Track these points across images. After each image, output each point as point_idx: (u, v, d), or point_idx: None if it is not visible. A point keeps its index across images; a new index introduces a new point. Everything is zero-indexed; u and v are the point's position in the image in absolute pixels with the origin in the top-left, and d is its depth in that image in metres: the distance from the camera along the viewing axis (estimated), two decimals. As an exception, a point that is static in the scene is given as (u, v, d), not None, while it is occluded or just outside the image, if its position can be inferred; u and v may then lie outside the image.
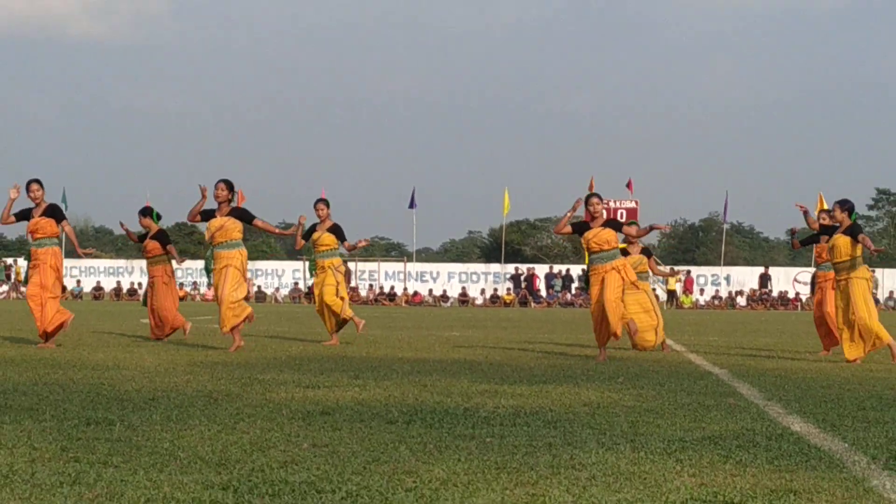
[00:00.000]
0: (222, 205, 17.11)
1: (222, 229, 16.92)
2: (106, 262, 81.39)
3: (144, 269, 68.44)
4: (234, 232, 16.99)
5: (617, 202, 71.16)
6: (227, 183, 17.05)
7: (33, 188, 17.29)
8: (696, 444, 7.61)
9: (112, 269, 77.66)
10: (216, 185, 17.04)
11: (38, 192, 17.21)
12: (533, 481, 6.19)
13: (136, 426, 8.11)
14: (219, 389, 10.74)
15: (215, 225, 16.94)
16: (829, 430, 8.48)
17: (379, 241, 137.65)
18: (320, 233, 19.36)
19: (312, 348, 17.58)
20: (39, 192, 17.22)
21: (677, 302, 66.80)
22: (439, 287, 71.54)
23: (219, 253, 16.94)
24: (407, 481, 6.14)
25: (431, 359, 15.68)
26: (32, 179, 17.37)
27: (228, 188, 17.06)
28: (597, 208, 16.45)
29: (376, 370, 13.32)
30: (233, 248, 17.01)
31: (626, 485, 6.14)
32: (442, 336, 23.28)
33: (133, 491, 5.79)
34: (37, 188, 17.20)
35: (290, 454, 6.96)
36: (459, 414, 9.08)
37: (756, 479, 6.34)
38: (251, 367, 13.57)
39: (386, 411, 9.18)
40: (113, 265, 78.85)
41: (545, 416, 9.07)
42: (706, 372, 13.92)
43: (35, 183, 17.29)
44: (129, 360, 14.32)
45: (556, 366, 14.63)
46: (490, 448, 7.32)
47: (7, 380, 11.49)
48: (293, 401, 9.85)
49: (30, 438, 7.44)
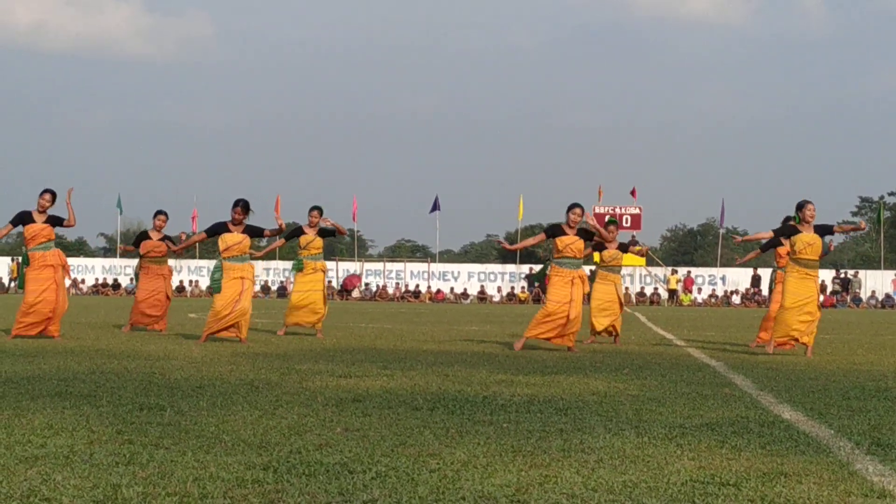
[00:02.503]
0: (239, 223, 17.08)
1: (241, 244, 16.90)
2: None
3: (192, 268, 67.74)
4: (248, 247, 17.03)
5: (622, 208, 71.04)
6: (244, 206, 17.01)
7: (46, 198, 17.11)
8: (695, 431, 7.59)
9: (162, 267, 77.69)
10: (235, 208, 16.97)
11: (48, 204, 17.12)
12: (546, 463, 6.18)
13: (185, 411, 8.13)
14: (259, 378, 10.75)
15: (234, 240, 16.88)
16: (816, 418, 8.45)
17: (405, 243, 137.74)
18: (311, 236, 19.34)
19: (344, 341, 17.57)
20: (49, 204, 17.13)
21: (677, 300, 66.66)
22: (460, 286, 71.49)
23: (231, 265, 16.88)
24: (431, 463, 6.14)
25: (453, 351, 15.67)
26: (48, 190, 17.21)
27: (245, 211, 17.02)
28: (577, 219, 16.28)
29: (403, 361, 13.32)
30: (245, 261, 17.03)
31: (631, 467, 6.14)
32: (462, 330, 23.26)
33: (182, 470, 5.80)
34: (49, 199, 17.11)
35: (325, 438, 6.96)
36: (479, 401, 9.08)
37: (750, 463, 6.33)
38: (288, 357, 13.58)
39: (412, 399, 9.18)
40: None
41: (557, 403, 9.06)
42: (704, 364, 13.88)
43: (49, 193, 17.13)
44: (178, 351, 14.34)
45: (566, 358, 14.61)
46: (507, 433, 7.32)
47: (67, 369, 11.51)
48: (327, 389, 9.86)
49: (88, 422, 7.46)
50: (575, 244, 16.26)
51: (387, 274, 74.25)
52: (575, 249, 16.27)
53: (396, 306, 51.32)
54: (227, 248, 16.86)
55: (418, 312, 39.12)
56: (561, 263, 16.23)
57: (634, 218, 71.02)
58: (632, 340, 19.83)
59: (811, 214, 16.12)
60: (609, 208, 70.84)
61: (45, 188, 17.06)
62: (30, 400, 8.66)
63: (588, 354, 15.44)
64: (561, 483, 5.68)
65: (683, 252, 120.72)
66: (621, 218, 70.47)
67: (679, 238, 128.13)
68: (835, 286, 69.08)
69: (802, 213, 16.11)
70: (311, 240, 19.24)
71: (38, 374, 10.76)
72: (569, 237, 16.26)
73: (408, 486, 5.54)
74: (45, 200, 17.01)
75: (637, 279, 70.97)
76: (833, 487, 5.70)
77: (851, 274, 71.02)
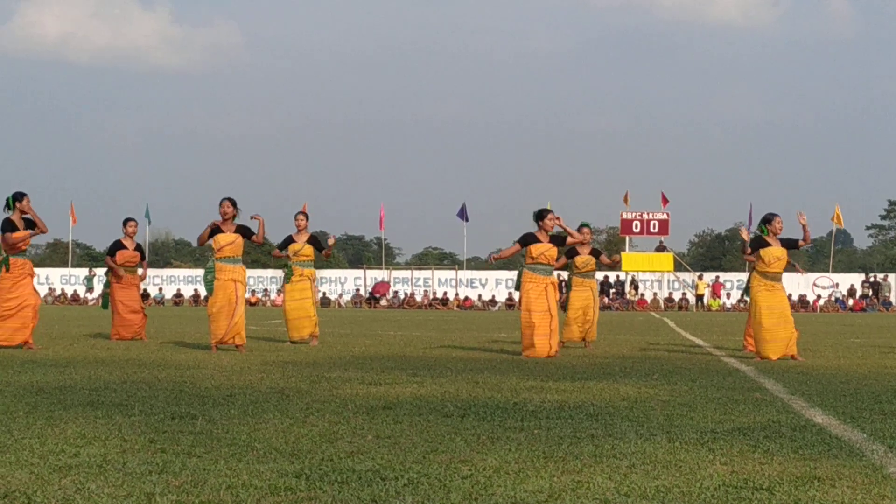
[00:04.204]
0: (227, 221, 17.04)
1: (233, 244, 16.90)
2: (185, 271, 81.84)
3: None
4: (240, 248, 17.07)
5: (650, 214, 70.92)
6: (231, 201, 16.97)
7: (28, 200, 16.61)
8: (726, 435, 7.57)
9: (190, 277, 78.00)
10: (222, 203, 16.92)
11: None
12: (578, 469, 6.18)
13: (216, 420, 8.15)
14: (290, 386, 10.77)
15: (227, 240, 16.87)
16: (848, 422, 8.42)
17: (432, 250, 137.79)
18: (300, 244, 19.27)
19: (374, 348, 17.58)
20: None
21: (706, 305, 66.47)
22: (488, 292, 71.49)
23: (224, 266, 16.87)
24: (463, 469, 6.14)
25: (482, 358, 15.67)
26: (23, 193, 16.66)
27: (233, 205, 16.98)
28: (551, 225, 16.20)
29: (432, 368, 13.33)
30: (237, 263, 17.00)
31: (663, 472, 6.12)
32: (491, 337, 23.26)
33: (215, 479, 5.81)
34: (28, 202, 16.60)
35: (356, 445, 6.97)
36: (509, 408, 9.07)
37: (783, 467, 6.30)
38: (319, 365, 13.60)
39: (442, 406, 9.18)
40: (191, 274, 79.22)
41: (587, 409, 9.05)
42: (734, 369, 13.84)
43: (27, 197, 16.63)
44: (208, 360, 14.38)
45: (595, 364, 14.59)
46: (538, 439, 7.31)
47: (99, 378, 11.55)
48: (358, 396, 9.87)
49: (120, 431, 7.48)
50: (549, 251, 16.24)
51: (414, 281, 74.29)
52: (549, 256, 16.25)
53: (424, 314, 51.32)
54: (219, 248, 16.86)
55: (446, 320, 39.11)
56: (535, 269, 16.17)
57: (662, 223, 70.89)
58: (661, 346, 19.79)
59: (780, 227, 16.14)
60: (637, 214, 70.74)
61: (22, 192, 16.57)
62: (62, 409, 8.69)
63: (617, 360, 15.41)
64: (593, 489, 5.67)
65: (712, 257, 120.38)
66: (649, 224, 70.39)
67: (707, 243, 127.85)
68: (864, 290, 68.82)
69: (771, 225, 16.12)
70: (300, 247, 19.23)
71: (69, 384, 10.80)
72: (543, 244, 16.21)
73: (440, 493, 5.54)
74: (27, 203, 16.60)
75: (665, 284, 70.82)
76: (866, 491, 5.67)
77: (881, 278, 70.68)
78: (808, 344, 20.72)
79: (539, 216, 16.24)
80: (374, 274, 75.89)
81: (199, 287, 73.37)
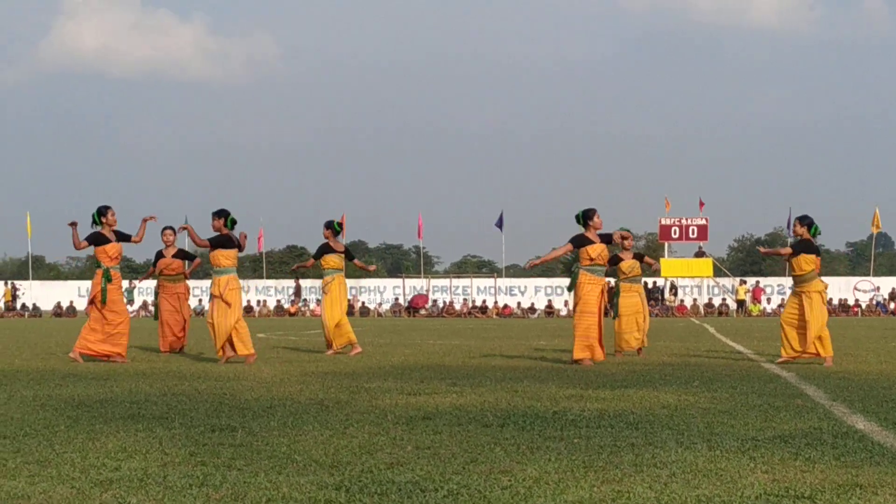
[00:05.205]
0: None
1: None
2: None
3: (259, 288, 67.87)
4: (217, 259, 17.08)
5: (689, 219, 70.65)
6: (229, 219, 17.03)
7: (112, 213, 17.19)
8: (767, 443, 7.53)
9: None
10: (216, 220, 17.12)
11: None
12: (618, 479, 6.16)
13: (256, 432, 8.17)
14: (329, 397, 10.78)
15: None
16: (891, 429, 8.36)
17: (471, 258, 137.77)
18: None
19: (413, 358, 17.59)
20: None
21: (746, 310, 66.15)
22: (527, 300, 71.40)
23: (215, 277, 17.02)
24: (503, 480, 6.13)
25: (521, 366, 15.64)
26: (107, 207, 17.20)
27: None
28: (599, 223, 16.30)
29: (472, 377, 13.31)
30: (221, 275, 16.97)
31: (703, 481, 6.09)
32: (530, 345, 23.21)
33: (255, 492, 5.83)
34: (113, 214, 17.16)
35: (396, 456, 6.97)
36: (549, 417, 9.06)
37: (824, 475, 6.27)
38: (358, 376, 13.62)
39: (482, 415, 9.17)
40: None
41: (627, 418, 9.02)
42: (775, 375, 13.77)
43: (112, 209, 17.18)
44: (248, 372, 14.42)
45: (635, 371, 14.54)
46: (577, 448, 7.29)
47: (140, 391, 11.61)
48: (397, 407, 9.87)
49: (161, 444, 7.52)
50: (604, 252, 16.34)
51: (453, 290, 74.30)
52: (604, 257, 16.37)
53: (464, 322, 51.30)
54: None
55: (486, 328, 39.08)
56: (593, 271, 16.15)
57: (701, 229, 70.58)
58: (701, 352, 19.70)
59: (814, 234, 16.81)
60: (675, 219, 70.50)
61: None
62: (103, 423, 8.74)
63: (657, 367, 15.36)
64: (633, 498, 5.65)
65: (751, 262, 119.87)
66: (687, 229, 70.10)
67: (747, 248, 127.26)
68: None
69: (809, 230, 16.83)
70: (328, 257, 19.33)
71: (110, 397, 10.86)
72: (599, 245, 16.24)
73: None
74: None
75: (705, 290, 70.56)
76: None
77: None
78: (848, 349, 20.62)
79: (585, 216, 16.22)
80: (412, 283, 75.95)
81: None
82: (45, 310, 73.04)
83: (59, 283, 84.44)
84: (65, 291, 77.50)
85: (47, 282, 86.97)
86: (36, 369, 15.05)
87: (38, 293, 77.69)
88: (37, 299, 75.93)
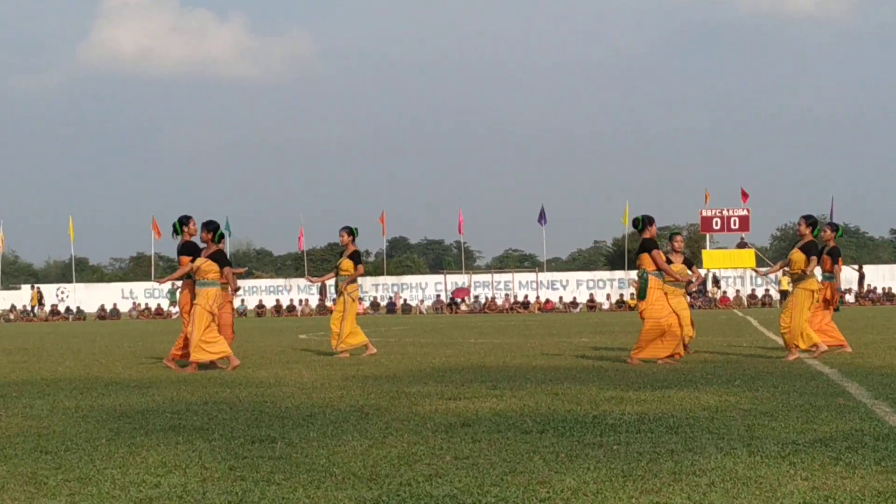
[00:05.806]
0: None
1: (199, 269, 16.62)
2: (267, 281, 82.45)
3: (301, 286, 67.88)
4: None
5: (730, 210, 70.39)
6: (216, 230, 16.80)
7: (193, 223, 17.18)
8: (808, 447, 7.49)
9: (272, 287, 78.69)
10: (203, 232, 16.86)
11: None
12: (657, 489, 6.14)
13: (296, 443, 8.19)
14: (369, 404, 10.80)
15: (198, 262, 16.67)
16: (934, 429, 8.29)
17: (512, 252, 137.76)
18: (343, 258, 19.46)
19: (454, 359, 17.59)
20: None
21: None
22: (569, 294, 71.37)
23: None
24: (541, 492, 6.12)
25: (563, 366, 15.60)
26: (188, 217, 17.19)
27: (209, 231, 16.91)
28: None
29: (512, 380, 13.30)
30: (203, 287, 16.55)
31: (743, 490, 6.06)
32: (572, 342, 23.17)
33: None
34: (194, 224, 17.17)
35: (435, 467, 6.98)
36: (588, 422, 9.04)
37: (864, 482, 6.22)
38: (399, 380, 13.63)
39: (521, 421, 9.16)
40: (273, 284, 79.86)
41: (667, 421, 8.99)
42: (817, 372, 13.69)
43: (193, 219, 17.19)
44: (288, 377, 14.46)
45: (676, 370, 14.49)
46: (616, 455, 7.28)
47: (181, 399, 11.66)
48: (437, 413, 9.88)
49: (201, 458, 7.54)
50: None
51: (495, 285, 74.29)
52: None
53: (506, 318, 51.30)
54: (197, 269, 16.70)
55: (527, 324, 39.04)
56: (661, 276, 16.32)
57: (743, 219, 70.35)
58: (743, 347, 19.63)
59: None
60: (717, 210, 70.24)
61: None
62: (143, 436, 8.78)
63: (699, 366, 15.30)
64: (672, 510, 5.63)
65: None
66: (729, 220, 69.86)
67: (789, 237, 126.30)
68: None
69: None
70: (341, 262, 19.56)
71: (151, 407, 10.92)
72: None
73: (517, 518, 5.54)
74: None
75: (748, 281, 70.23)
76: (952, 506, 5.59)
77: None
78: (892, 341, 20.48)
79: (645, 222, 16.51)
80: (454, 278, 76.02)
81: (280, 298, 73.91)
82: (90, 312, 73.57)
83: (103, 286, 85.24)
84: (108, 294, 78.24)
85: (91, 284, 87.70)
86: (79, 377, 15.14)
87: (83, 296, 78.42)
88: (81, 302, 76.56)
